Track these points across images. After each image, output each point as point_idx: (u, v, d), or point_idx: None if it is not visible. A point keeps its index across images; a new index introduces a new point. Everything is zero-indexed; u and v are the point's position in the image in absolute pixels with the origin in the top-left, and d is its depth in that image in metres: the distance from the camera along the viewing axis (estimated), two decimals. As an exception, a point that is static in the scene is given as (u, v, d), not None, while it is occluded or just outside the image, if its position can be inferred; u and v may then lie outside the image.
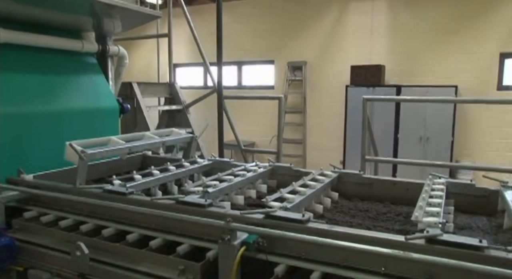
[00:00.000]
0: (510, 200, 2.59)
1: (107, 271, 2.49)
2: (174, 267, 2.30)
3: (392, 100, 8.66)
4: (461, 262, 1.69)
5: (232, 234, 2.08)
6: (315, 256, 2.10)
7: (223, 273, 2.11)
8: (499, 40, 9.52)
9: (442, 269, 1.84)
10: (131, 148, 3.37)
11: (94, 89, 4.54)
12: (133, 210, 2.53)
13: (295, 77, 11.65)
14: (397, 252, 1.82)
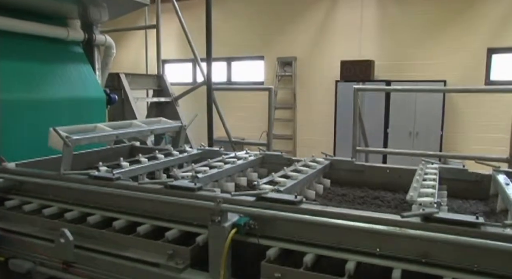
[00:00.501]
0: (504, 183, 2.57)
1: (93, 258, 2.40)
2: (162, 252, 2.23)
3: (383, 90, 8.68)
4: (459, 237, 1.65)
5: (222, 215, 2.01)
6: (308, 238, 2.04)
7: (214, 256, 2.05)
8: (486, 35, 9.59)
9: (437, 248, 1.80)
10: (118, 135, 3.27)
11: (80, 79, 4.43)
12: (121, 194, 2.45)
13: (285, 72, 11.61)
14: (393, 229, 1.78)
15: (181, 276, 2.12)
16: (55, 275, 2.57)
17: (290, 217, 1.97)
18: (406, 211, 2.39)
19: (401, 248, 1.86)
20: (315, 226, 2.01)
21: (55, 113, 4.05)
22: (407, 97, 9.72)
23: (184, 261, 2.17)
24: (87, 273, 2.40)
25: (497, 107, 9.32)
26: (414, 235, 1.74)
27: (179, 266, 2.14)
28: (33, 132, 3.65)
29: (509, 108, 7.80)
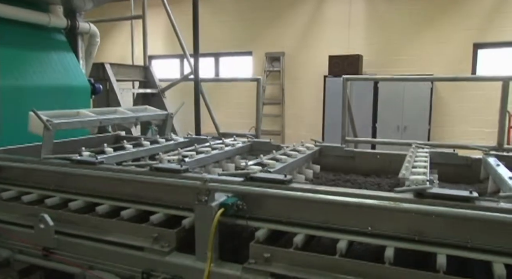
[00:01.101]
0: (495, 164, 2.54)
1: (75, 243, 2.31)
2: (147, 235, 2.15)
3: (372, 79, 8.65)
4: (453, 209, 1.61)
5: (209, 195, 1.94)
6: (298, 218, 1.98)
7: (200, 237, 1.97)
8: (472, 30, 9.67)
9: (430, 225, 1.75)
10: (102, 121, 3.17)
11: (63, 67, 4.30)
12: (104, 176, 2.35)
13: (273, 68, 11.56)
14: (386, 203, 1.72)
15: (166, 259, 2.04)
16: (35, 263, 2.46)
17: (280, 194, 1.90)
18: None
19: (393, 226, 1.81)
20: (305, 205, 1.95)
21: (37, 101, 3.91)
22: (395, 92, 9.74)
23: (169, 244, 2.09)
24: (69, 260, 2.30)
25: (483, 102, 9.40)
26: (408, 209, 1.69)
27: (164, 249, 2.06)
28: (14, 120, 3.51)
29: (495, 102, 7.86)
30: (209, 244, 1.91)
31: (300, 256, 1.84)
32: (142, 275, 2.05)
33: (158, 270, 2.04)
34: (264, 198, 2.01)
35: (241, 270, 1.88)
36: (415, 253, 1.95)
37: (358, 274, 1.73)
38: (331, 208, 1.90)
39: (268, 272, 1.83)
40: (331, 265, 1.78)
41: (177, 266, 2.01)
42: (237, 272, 1.89)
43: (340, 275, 1.75)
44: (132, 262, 2.12)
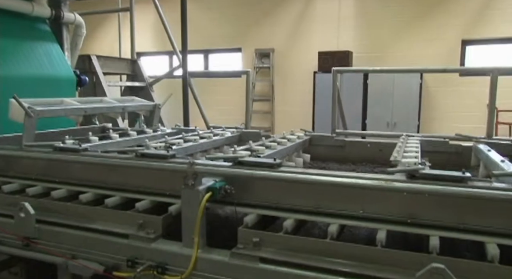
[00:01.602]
0: (486, 150, 2.52)
1: (57, 232, 2.22)
2: (132, 222, 2.08)
3: (362, 71, 8.62)
4: (448, 187, 1.57)
5: (196, 178, 1.87)
6: (288, 203, 1.92)
7: (187, 222, 1.90)
8: (460, 27, 9.72)
9: (423, 207, 1.71)
10: (87, 110, 3.08)
11: (47, 57, 4.19)
12: (88, 161, 2.27)
13: (262, 64, 11.50)
14: (378, 182, 1.68)
15: (152, 246, 1.97)
16: (15, 253, 2.37)
17: (270, 176, 1.84)
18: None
19: (385, 208, 1.77)
20: (295, 189, 1.89)
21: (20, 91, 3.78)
22: (385, 88, 9.75)
23: (155, 231, 2.02)
24: (51, 249, 2.21)
25: (472, 98, 9.46)
26: (400, 188, 1.64)
27: (150, 235, 1.99)
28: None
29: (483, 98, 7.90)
30: (196, 229, 1.85)
31: (290, 240, 1.79)
32: (126, 263, 1.97)
33: (144, 258, 1.96)
34: (253, 182, 1.96)
35: (229, 256, 1.82)
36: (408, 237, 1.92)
37: (350, 257, 1.68)
38: (321, 191, 1.85)
39: (257, 257, 1.77)
40: (322, 248, 1.73)
41: (163, 253, 1.94)
42: (225, 258, 1.83)
43: (331, 258, 1.70)
44: (117, 250, 2.04)
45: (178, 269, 1.89)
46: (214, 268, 1.83)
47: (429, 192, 1.61)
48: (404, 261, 1.61)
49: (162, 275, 1.90)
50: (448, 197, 1.62)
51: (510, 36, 9.38)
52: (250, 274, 1.76)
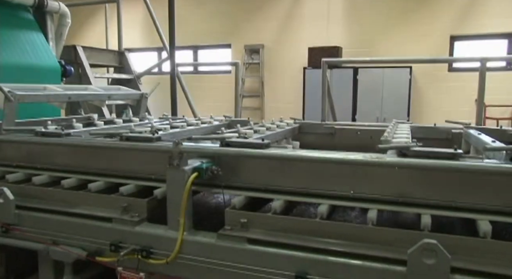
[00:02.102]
0: (476, 133, 2.50)
1: (37, 218, 2.14)
2: (116, 206, 2.00)
3: (352, 61, 8.59)
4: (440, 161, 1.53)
5: (182, 158, 1.81)
6: (277, 185, 1.87)
7: (173, 204, 1.83)
8: (449, 22, 9.77)
9: (414, 186, 1.68)
10: (71, 96, 2.99)
11: (30, 46, 4.08)
12: (71, 144, 2.19)
13: (252, 60, 11.43)
14: (369, 158, 1.63)
15: (136, 229, 1.91)
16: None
17: (258, 155, 1.79)
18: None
19: (376, 188, 1.73)
20: (284, 170, 1.84)
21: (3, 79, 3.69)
22: (374, 84, 9.76)
23: (139, 214, 1.96)
24: (31, 236, 2.13)
25: (461, 94, 9.52)
26: (392, 163, 1.60)
27: (134, 219, 1.93)
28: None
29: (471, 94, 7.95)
30: (182, 211, 1.78)
31: (279, 221, 1.74)
32: (110, 247, 1.90)
33: (128, 242, 1.90)
34: (240, 162, 1.90)
35: (216, 238, 1.77)
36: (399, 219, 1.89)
37: (340, 236, 1.64)
38: (311, 171, 1.80)
39: (244, 237, 1.72)
40: (312, 228, 1.68)
41: (147, 236, 1.88)
42: (212, 240, 1.77)
43: (321, 238, 1.66)
44: (100, 235, 1.97)
45: (163, 253, 1.83)
46: (201, 251, 1.77)
47: (421, 167, 1.57)
48: (395, 239, 1.57)
49: (147, 259, 1.84)
50: (440, 172, 1.58)
51: (497, 32, 9.46)
52: (237, 256, 1.70)
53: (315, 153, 1.74)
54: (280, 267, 1.63)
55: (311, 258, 1.60)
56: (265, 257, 1.67)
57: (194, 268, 1.78)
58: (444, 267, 1.41)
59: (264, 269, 1.66)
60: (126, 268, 1.83)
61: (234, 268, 1.71)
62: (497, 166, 1.48)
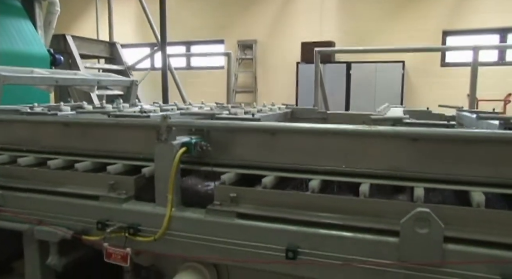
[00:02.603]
0: (469, 115, 2.48)
1: (22, 198, 2.08)
2: (103, 184, 1.95)
3: (345, 51, 8.56)
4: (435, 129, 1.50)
5: (170, 132, 1.76)
6: (268, 161, 1.84)
7: (161, 179, 1.79)
8: (441, 18, 9.81)
9: (407, 157, 1.64)
10: (59, 80, 2.93)
11: (18, 33, 4.01)
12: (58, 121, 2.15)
13: (245, 55, 11.40)
14: (362, 127, 1.60)
15: (123, 206, 1.86)
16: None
17: (249, 127, 1.75)
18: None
19: (368, 162, 1.70)
20: (275, 145, 1.81)
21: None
22: (367, 79, 9.78)
23: (127, 191, 1.91)
24: (16, 216, 2.07)
25: (453, 89, 9.55)
26: (385, 132, 1.57)
27: (121, 196, 1.88)
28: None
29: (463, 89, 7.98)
30: (170, 186, 1.74)
31: (269, 195, 1.70)
32: (96, 225, 1.85)
33: (115, 220, 1.85)
34: (230, 139, 1.87)
35: (204, 213, 1.72)
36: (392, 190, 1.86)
37: (332, 209, 1.60)
38: (303, 146, 1.77)
39: (234, 212, 1.68)
40: (303, 202, 1.65)
41: (135, 213, 1.83)
42: (201, 215, 1.73)
43: (313, 212, 1.62)
44: (86, 213, 1.92)
45: (151, 230, 1.78)
46: (189, 227, 1.72)
47: (414, 135, 1.53)
48: (388, 211, 1.54)
49: (134, 236, 1.79)
50: (433, 142, 1.55)
51: (489, 27, 9.51)
52: (227, 231, 1.66)
53: (307, 124, 1.70)
54: (270, 241, 1.59)
55: (302, 231, 1.56)
56: (255, 232, 1.63)
57: (183, 245, 1.73)
58: (437, 237, 1.38)
59: (254, 243, 1.62)
60: (112, 245, 1.78)
61: (223, 243, 1.66)
62: (491, 132, 1.45)
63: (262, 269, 1.64)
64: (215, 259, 1.71)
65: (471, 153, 1.55)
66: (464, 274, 1.36)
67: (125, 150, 2.12)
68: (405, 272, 1.43)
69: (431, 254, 1.39)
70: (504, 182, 1.54)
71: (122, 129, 2.12)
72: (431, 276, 1.40)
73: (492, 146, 1.51)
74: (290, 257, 1.54)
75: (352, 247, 1.50)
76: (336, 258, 1.51)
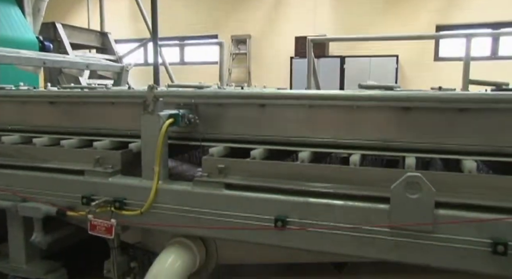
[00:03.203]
0: (461, 93, 2.46)
1: (6, 175, 2.03)
2: (89, 159, 1.91)
3: (338, 39, 8.56)
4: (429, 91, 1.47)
5: (156, 102, 1.72)
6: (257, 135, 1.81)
7: (147, 151, 1.75)
8: (435, 12, 9.82)
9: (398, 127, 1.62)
10: (46, 61, 2.88)
11: (6, 19, 3.95)
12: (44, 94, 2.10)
13: (239, 51, 11.35)
14: (352, 92, 1.57)
15: (109, 180, 1.82)
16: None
17: (238, 94, 1.71)
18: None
19: (358, 133, 1.67)
20: (265, 119, 1.78)
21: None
22: (361, 73, 9.74)
23: (113, 166, 1.86)
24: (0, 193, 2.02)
25: (446, 83, 9.53)
26: (376, 96, 1.54)
27: (107, 170, 1.83)
28: None
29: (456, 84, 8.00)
30: (157, 158, 1.70)
31: (258, 166, 1.66)
32: (81, 199, 1.81)
33: (101, 194, 1.80)
34: (219, 113, 1.83)
35: (192, 185, 1.69)
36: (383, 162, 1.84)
37: (322, 179, 1.57)
38: (292, 118, 1.74)
39: (222, 183, 1.64)
40: (293, 172, 1.61)
41: (121, 187, 1.79)
42: (188, 187, 1.69)
43: (303, 182, 1.58)
44: (72, 189, 1.87)
45: (137, 203, 1.74)
46: (176, 199, 1.69)
47: (406, 98, 1.50)
48: (379, 179, 1.51)
49: (120, 210, 1.75)
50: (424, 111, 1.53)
51: (482, 22, 9.53)
52: (215, 202, 1.63)
53: (298, 91, 1.66)
54: (259, 211, 1.56)
55: (291, 200, 1.53)
56: (243, 202, 1.59)
57: (170, 218, 1.69)
58: (428, 201, 1.35)
59: (242, 214, 1.58)
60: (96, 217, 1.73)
61: (211, 215, 1.63)
62: (481, 93, 1.42)
63: (251, 240, 1.60)
64: (203, 232, 1.67)
65: (461, 121, 1.53)
66: (455, 238, 1.34)
67: (112, 127, 2.08)
68: (395, 239, 1.40)
69: (422, 219, 1.36)
70: (496, 151, 1.52)
71: (109, 106, 2.08)
72: (422, 242, 1.38)
73: (483, 114, 1.49)
74: (279, 227, 1.51)
75: (343, 216, 1.47)
76: (325, 226, 1.48)
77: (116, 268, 1.86)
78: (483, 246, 1.31)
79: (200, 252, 1.80)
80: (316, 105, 1.69)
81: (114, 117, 2.07)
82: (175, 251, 1.76)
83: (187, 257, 1.75)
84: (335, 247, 1.49)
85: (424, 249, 1.38)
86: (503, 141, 1.50)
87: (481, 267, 1.33)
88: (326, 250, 1.51)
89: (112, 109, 2.08)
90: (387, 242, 1.41)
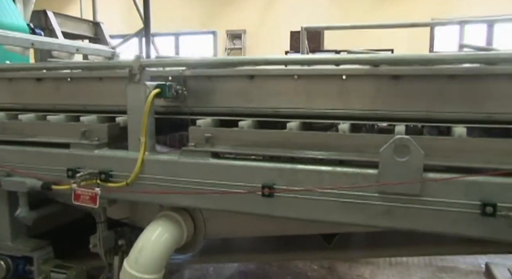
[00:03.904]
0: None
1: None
2: (75, 133, 1.87)
3: (332, 28, 8.49)
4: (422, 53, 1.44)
5: (143, 72, 1.69)
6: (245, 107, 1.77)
7: (133, 122, 1.71)
8: (430, 7, 9.84)
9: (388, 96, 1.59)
10: (35, 42, 2.84)
11: (-5, 4, 3.88)
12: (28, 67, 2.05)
13: (234, 46, 11.30)
14: (342, 56, 1.54)
15: (95, 153, 1.79)
16: None
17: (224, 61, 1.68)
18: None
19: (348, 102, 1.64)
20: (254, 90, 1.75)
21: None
22: (356, 67, 9.78)
23: (100, 139, 1.83)
24: (-16, 170, 1.98)
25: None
26: (365, 59, 1.51)
27: (93, 142, 1.80)
28: None
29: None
30: (143, 128, 1.67)
31: (246, 134, 1.63)
32: (67, 172, 1.78)
33: (86, 167, 1.77)
34: (207, 85, 1.80)
35: (179, 155, 1.66)
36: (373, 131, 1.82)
37: (311, 146, 1.54)
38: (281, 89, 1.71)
39: (208, 152, 1.61)
40: (280, 140, 1.58)
41: (107, 159, 1.76)
42: (175, 157, 1.66)
43: (293, 150, 1.55)
44: (57, 162, 1.84)
45: (123, 175, 1.71)
46: (163, 169, 1.66)
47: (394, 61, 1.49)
48: (368, 145, 1.48)
49: (106, 182, 1.72)
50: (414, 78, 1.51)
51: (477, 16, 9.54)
52: (201, 171, 1.60)
53: (290, 56, 1.64)
54: (246, 179, 1.53)
55: (279, 167, 1.51)
56: (230, 170, 1.57)
57: (157, 188, 1.66)
58: (417, 164, 1.33)
59: (229, 182, 1.56)
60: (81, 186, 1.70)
61: (198, 184, 1.60)
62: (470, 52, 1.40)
63: (238, 210, 1.58)
64: (190, 201, 1.64)
65: (451, 89, 1.50)
66: (444, 201, 1.32)
67: (100, 103, 2.04)
68: (384, 204, 1.38)
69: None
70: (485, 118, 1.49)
71: (97, 82, 2.05)
72: (411, 207, 1.36)
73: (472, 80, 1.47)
74: (266, 194, 1.49)
75: (331, 181, 1.44)
76: (313, 193, 1.45)
77: (102, 242, 1.83)
78: (472, 209, 1.29)
79: (188, 226, 1.77)
80: (304, 75, 1.66)
81: (102, 93, 2.03)
82: (162, 224, 1.73)
83: (174, 230, 1.73)
84: (323, 214, 1.46)
85: (413, 213, 1.36)
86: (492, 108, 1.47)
87: (470, 230, 1.31)
88: (314, 218, 1.48)
89: (100, 85, 2.04)
90: (376, 207, 1.39)
